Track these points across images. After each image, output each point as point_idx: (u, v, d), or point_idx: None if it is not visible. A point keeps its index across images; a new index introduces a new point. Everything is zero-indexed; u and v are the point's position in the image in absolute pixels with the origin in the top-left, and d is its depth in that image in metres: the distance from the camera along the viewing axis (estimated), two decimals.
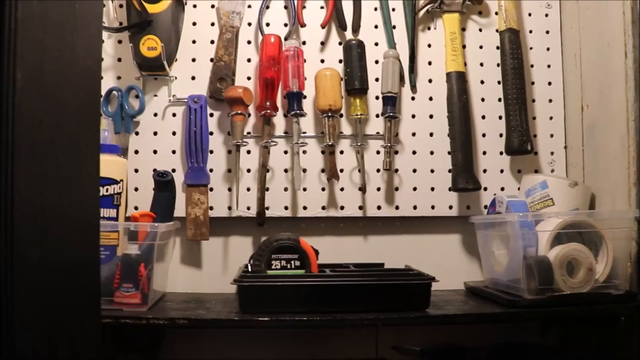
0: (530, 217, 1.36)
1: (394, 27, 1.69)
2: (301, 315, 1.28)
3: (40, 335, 0.77)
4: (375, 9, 1.70)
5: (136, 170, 1.62)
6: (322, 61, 1.68)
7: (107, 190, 1.44)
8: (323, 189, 1.65)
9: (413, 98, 1.69)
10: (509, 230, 1.40)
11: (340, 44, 1.68)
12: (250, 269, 1.40)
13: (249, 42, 1.67)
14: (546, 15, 1.72)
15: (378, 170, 1.66)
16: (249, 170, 1.63)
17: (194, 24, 1.67)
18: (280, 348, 1.61)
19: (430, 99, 1.69)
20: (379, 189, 1.66)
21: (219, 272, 1.64)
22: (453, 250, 1.70)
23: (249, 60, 1.67)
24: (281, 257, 1.36)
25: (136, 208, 1.58)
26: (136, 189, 1.61)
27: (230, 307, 1.38)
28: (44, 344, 0.78)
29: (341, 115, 1.65)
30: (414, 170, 1.67)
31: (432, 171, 1.67)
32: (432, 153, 1.68)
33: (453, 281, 1.62)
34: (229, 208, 1.63)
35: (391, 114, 1.60)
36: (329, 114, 1.58)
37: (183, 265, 1.65)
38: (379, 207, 1.66)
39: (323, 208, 1.65)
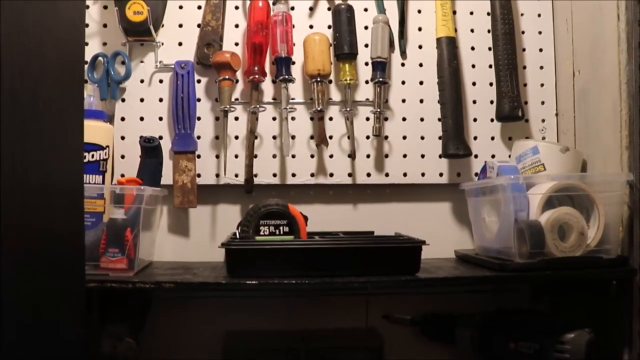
0: (522, 180, 1.34)
1: None
2: (290, 279, 1.26)
3: (23, 301, 0.75)
4: None
5: (122, 138, 1.59)
6: (311, 27, 1.65)
7: (92, 156, 1.42)
8: (312, 156, 1.63)
9: (403, 64, 1.67)
10: (500, 195, 1.38)
11: (329, 9, 1.65)
12: (238, 236, 1.38)
13: (236, 8, 1.65)
14: None
15: (368, 137, 1.64)
16: (237, 137, 1.61)
17: None
18: (270, 318, 1.60)
19: (421, 65, 1.66)
20: (368, 156, 1.64)
21: (207, 240, 1.62)
22: (443, 218, 1.68)
23: (236, 25, 1.64)
24: (270, 223, 1.34)
25: (122, 176, 1.55)
26: (122, 157, 1.59)
27: (218, 273, 1.36)
28: (28, 310, 0.76)
29: (330, 82, 1.63)
30: (404, 137, 1.65)
31: (422, 138, 1.65)
32: (422, 120, 1.66)
33: (444, 249, 1.60)
34: (217, 175, 1.61)
35: (381, 79, 1.58)
36: (318, 79, 1.56)
37: (170, 234, 1.63)
38: (368, 175, 1.64)
39: (312, 175, 1.63)
